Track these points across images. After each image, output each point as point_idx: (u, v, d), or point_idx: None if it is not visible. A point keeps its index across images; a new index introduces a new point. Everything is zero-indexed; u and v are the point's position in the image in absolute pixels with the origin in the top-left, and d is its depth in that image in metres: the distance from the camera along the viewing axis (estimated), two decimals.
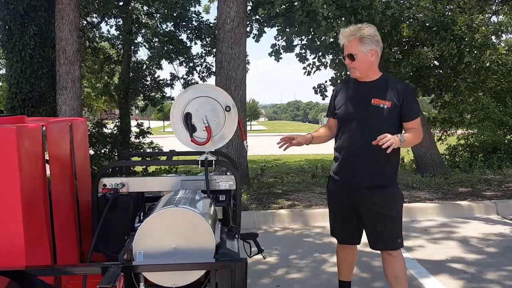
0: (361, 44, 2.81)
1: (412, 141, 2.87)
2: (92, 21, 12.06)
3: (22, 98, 8.30)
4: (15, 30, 8.18)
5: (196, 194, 2.38)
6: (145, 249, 1.94)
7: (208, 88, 2.76)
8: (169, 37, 10.49)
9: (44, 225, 2.20)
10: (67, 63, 7.70)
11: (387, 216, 2.88)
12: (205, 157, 2.75)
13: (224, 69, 7.47)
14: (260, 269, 4.21)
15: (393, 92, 2.85)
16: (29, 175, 2.03)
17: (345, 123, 2.95)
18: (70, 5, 7.61)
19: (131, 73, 10.42)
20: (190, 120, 2.70)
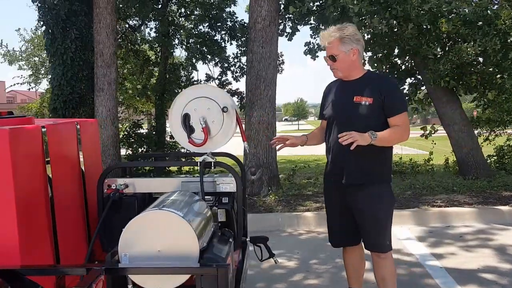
0: (342, 44, 2.79)
1: (390, 138, 2.80)
2: (134, 24, 12.37)
3: (63, 100, 8.60)
4: (57, 34, 8.50)
5: (189, 196, 2.35)
6: (130, 252, 1.93)
7: (206, 89, 2.73)
8: (203, 38, 10.57)
9: (44, 225, 2.21)
10: (104, 66, 7.92)
11: (372, 216, 2.84)
12: (203, 159, 2.71)
13: (254, 68, 7.42)
14: (277, 273, 4.12)
15: (375, 88, 2.82)
16: (25, 175, 2.05)
17: (330, 123, 2.97)
18: (107, 9, 7.83)
19: (168, 74, 10.59)
20: (188, 121, 2.67)
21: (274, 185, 7.39)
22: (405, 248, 4.72)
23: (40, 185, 2.19)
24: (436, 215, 5.77)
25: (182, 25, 11.54)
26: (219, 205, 2.81)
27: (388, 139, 2.79)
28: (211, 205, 2.78)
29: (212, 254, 1.99)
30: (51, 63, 8.86)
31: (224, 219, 2.81)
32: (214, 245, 2.11)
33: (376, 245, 2.89)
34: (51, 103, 8.92)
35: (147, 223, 1.93)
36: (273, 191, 7.18)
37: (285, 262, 4.43)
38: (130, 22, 12.19)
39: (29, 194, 2.09)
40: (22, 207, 1.99)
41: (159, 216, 1.93)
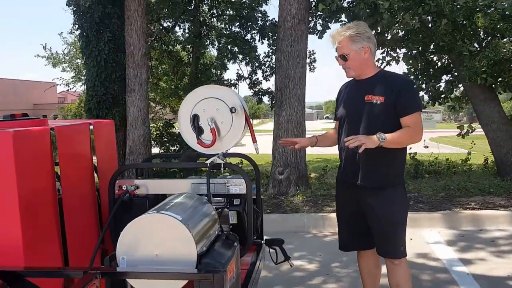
0: (352, 42, 2.72)
1: (400, 140, 2.67)
2: (167, 26, 12.55)
3: (97, 101, 8.83)
4: (91, 37, 8.73)
5: (194, 199, 2.33)
6: (128, 255, 1.92)
7: (215, 89, 2.71)
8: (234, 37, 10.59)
9: (51, 226, 2.25)
10: (135, 67, 8.08)
11: (385, 221, 2.74)
12: (211, 160, 2.69)
13: (283, 67, 7.36)
14: (296, 276, 4.06)
15: (387, 86, 2.72)
16: (31, 177, 2.08)
17: (342, 123, 2.89)
18: (137, 11, 7.98)
19: (199, 74, 10.68)
20: (197, 122, 2.65)
21: (303, 184, 7.31)
22: (432, 253, 4.55)
23: (48, 186, 2.22)
24: (469, 218, 5.54)
25: (213, 25, 11.61)
26: (230, 207, 2.78)
27: (398, 141, 2.67)
28: (221, 207, 2.77)
29: (211, 259, 1.95)
30: (86, 65, 9.12)
31: (235, 221, 2.79)
32: (215, 250, 2.07)
33: (389, 251, 2.80)
34: (86, 104, 9.19)
35: (145, 226, 1.91)
36: (301, 191, 7.11)
37: (305, 264, 4.37)
38: (164, 24, 12.37)
39: (35, 195, 2.12)
40: (26, 208, 2.01)
41: (156, 220, 1.92)
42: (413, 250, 4.60)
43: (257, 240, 3.25)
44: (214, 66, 11.34)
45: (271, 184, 7.42)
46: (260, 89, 11.85)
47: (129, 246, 1.91)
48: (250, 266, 2.84)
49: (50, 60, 21.64)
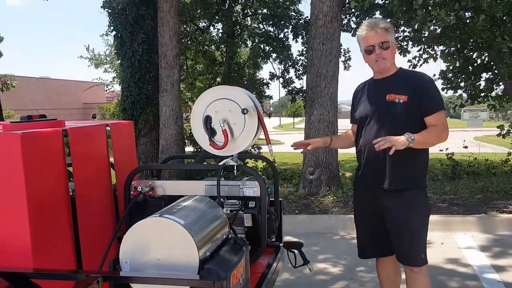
0: (389, 34, 2.64)
1: (428, 140, 2.56)
2: (202, 26, 12.66)
3: (131, 101, 9.01)
4: (126, 38, 8.91)
5: (204, 202, 2.30)
6: (131, 259, 1.92)
7: (227, 90, 2.67)
8: (267, 36, 10.55)
9: (63, 227, 2.27)
10: (167, 67, 8.20)
11: (405, 226, 2.62)
12: (224, 162, 2.67)
13: (315, 66, 7.27)
14: (319, 279, 4.00)
15: (410, 85, 2.61)
16: (40, 178, 2.10)
17: (362, 124, 2.77)
18: (169, 12, 8.08)
19: (232, 73, 10.71)
20: (209, 123, 2.63)
21: (334, 185, 7.20)
22: (463, 258, 4.37)
23: (59, 187, 2.24)
24: (505, 222, 5.28)
25: (246, 24, 11.61)
26: (245, 210, 2.76)
27: (426, 141, 2.56)
28: (236, 209, 2.75)
29: (214, 265, 1.90)
30: (121, 66, 9.31)
31: (250, 224, 2.76)
32: (220, 255, 2.02)
33: (409, 258, 2.67)
34: (121, 104, 9.39)
35: (147, 230, 1.90)
36: (332, 191, 7.00)
37: (329, 267, 4.29)
38: (200, 24, 12.49)
39: (45, 196, 2.13)
40: (35, 209, 2.04)
41: (158, 224, 1.89)
42: (444, 255, 4.45)
43: (275, 243, 3.21)
44: (247, 65, 11.35)
45: (302, 184, 7.36)
46: (294, 87, 11.77)
47: (132, 249, 1.90)
48: (265, 269, 2.81)
49: (92, 61, 22.29)
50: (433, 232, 5.19)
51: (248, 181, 2.73)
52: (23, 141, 1.98)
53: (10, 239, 2.02)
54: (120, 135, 2.92)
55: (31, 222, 2.00)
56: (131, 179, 2.75)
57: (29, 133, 2.06)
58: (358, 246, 2.97)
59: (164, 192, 2.76)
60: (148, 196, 2.78)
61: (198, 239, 1.90)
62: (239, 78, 10.65)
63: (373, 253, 2.93)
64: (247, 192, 2.72)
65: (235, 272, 2.02)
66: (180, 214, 2.01)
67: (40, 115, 2.61)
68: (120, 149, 2.91)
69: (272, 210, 3.03)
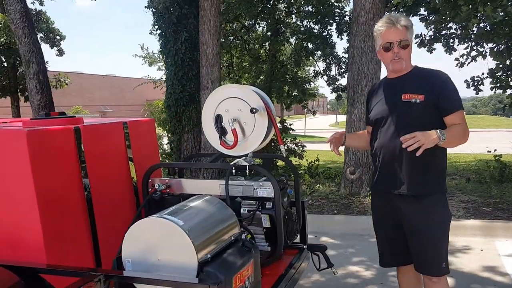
0: (409, 32, 2.49)
1: (455, 139, 2.40)
2: (248, 24, 12.69)
3: (175, 98, 9.17)
4: (169, 37, 9.08)
5: (211, 203, 2.27)
6: (133, 258, 1.93)
7: (237, 89, 2.63)
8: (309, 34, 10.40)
9: (78, 224, 2.31)
10: (208, 65, 8.25)
11: (424, 234, 2.47)
12: (235, 162, 2.63)
13: (356, 64, 7.10)
14: (349, 282, 3.89)
15: (426, 83, 2.47)
16: (50, 174, 2.14)
17: (377, 126, 2.63)
18: (210, 11, 8.12)
19: (274, 71, 10.65)
20: (220, 122, 2.60)
21: None
22: (501, 266, 4.12)
23: (72, 183, 2.28)
24: None
25: (289, 22, 11.51)
26: (262, 210, 2.71)
27: (453, 141, 2.41)
28: (253, 209, 2.71)
29: (214, 268, 1.86)
30: (165, 64, 9.49)
31: (269, 225, 2.72)
32: (223, 258, 1.98)
33: (428, 267, 2.52)
34: (166, 101, 9.59)
35: (147, 230, 1.89)
36: None
37: (362, 271, 4.17)
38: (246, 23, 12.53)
39: (56, 193, 2.18)
40: (46, 205, 2.09)
41: (157, 224, 1.88)
42: (481, 262, 4.21)
43: (299, 245, 3.15)
44: (290, 63, 11.27)
45: (343, 184, 7.22)
46: (338, 85, 11.54)
47: (133, 248, 1.91)
48: (285, 270, 2.75)
49: (146, 59, 22.87)
50: (473, 237, 4.95)
51: (263, 182, 2.69)
52: (29, 138, 2.03)
53: (23, 234, 2.09)
54: (139, 132, 2.94)
55: (42, 217, 2.05)
56: (148, 177, 2.77)
57: (36, 131, 2.11)
58: (379, 254, 2.84)
59: (180, 190, 2.77)
60: (166, 194, 2.80)
61: (198, 241, 1.87)
62: (281, 76, 10.58)
63: (394, 262, 2.79)
64: (260, 192, 2.67)
65: (239, 275, 1.99)
66: (182, 215, 1.99)
67: (60, 112, 2.68)
68: (139, 146, 2.93)
69: (292, 211, 2.96)
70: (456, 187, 7.40)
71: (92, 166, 2.43)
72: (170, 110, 9.36)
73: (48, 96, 8.98)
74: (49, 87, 9.16)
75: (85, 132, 2.40)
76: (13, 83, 15.43)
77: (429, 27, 8.47)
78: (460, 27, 7.61)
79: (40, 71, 8.87)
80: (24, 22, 8.65)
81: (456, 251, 4.58)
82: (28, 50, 8.78)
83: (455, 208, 5.87)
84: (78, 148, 2.36)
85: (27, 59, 8.81)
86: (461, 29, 7.51)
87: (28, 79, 8.97)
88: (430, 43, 8.50)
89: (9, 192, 2.08)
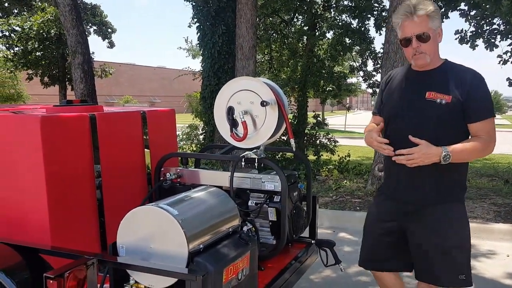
0: (431, 20, 2.18)
1: (467, 157, 2.20)
2: (287, 18, 12.66)
3: (210, 90, 9.32)
4: (207, 30, 9.22)
5: (213, 194, 2.32)
6: (127, 244, 1.99)
7: (250, 81, 2.66)
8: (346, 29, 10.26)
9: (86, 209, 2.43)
10: (243, 59, 8.33)
11: (444, 243, 2.28)
12: (244, 155, 2.67)
13: (390, 60, 6.95)
14: (360, 280, 3.87)
15: (456, 83, 2.20)
16: (61, 159, 2.25)
17: (392, 122, 2.38)
18: (247, 4, 8.18)
19: (310, 66, 10.60)
20: (232, 114, 2.65)
21: None
22: None
23: (83, 170, 2.39)
24: None
25: (326, 17, 11.40)
26: (269, 204, 2.76)
27: (464, 158, 2.20)
28: (261, 202, 2.76)
29: (205, 259, 1.90)
30: (202, 56, 9.65)
31: (275, 218, 2.76)
32: (216, 249, 2.02)
33: (439, 279, 2.33)
34: (201, 93, 9.77)
35: (142, 218, 1.96)
36: None
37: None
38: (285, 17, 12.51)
39: (66, 177, 2.29)
40: (55, 189, 2.20)
41: (151, 213, 1.94)
42: (505, 268, 4.14)
43: (307, 239, 3.18)
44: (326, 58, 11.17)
45: (370, 180, 7.14)
46: (375, 81, 11.34)
47: (128, 235, 1.98)
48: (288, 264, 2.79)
49: (190, 52, 23.27)
50: (500, 242, 4.79)
51: (272, 175, 2.72)
52: (42, 123, 2.15)
53: (31, 215, 2.22)
54: (157, 122, 3.03)
55: (50, 201, 2.18)
56: (161, 166, 2.86)
57: (50, 117, 2.23)
58: (362, 254, 2.66)
59: (191, 180, 2.85)
60: (177, 183, 2.89)
61: (191, 231, 1.91)
62: (316, 71, 10.52)
63: (377, 266, 2.62)
64: (268, 186, 2.71)
65: (231, 267, 2.03)
66: (180, 205, 2.05)
67: (81, 100, 2.84)
68: (156, 135, 3.02)
69: (300, 206, 2.98)
70: (492, 188, 7.15)
71: (106, 154, 2.53)
72: (205, 102, 9.52)
73: (92, 85, 9.36)
74: (93, 77, 9.54)
75: (101, 120, 2.51)
76: (61, 72, 16.15)
77: (471, 22, 8.19)
78: (504, 23, 7.29)
79: (85, 61, 9.26)
80: (73, 14, 9.04)
81: (479, 256, 4.45)
82: (75, 41, 9.17)
83: (485, 210, 5.69)
84: (93, 135, 2.46)
85: (73, 49, 9.20)
86: (504, 24, 7.19)
87: (73, 69, 9.38)
88: (472, 39, 8.21)
89: (22, 174, 2.22)
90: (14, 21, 15.22)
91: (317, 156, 9.93)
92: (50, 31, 14.81)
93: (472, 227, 5.10)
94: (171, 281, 1.90)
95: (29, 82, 16.88)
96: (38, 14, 15.07)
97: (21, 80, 19.58)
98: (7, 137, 2.23)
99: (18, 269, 2.01)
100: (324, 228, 5.32)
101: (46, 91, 17.43)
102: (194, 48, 22.40)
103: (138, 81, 37.89)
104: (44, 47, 15.12)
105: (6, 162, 2.25)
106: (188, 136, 11.75)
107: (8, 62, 16.04)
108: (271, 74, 12.90)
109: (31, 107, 3.29)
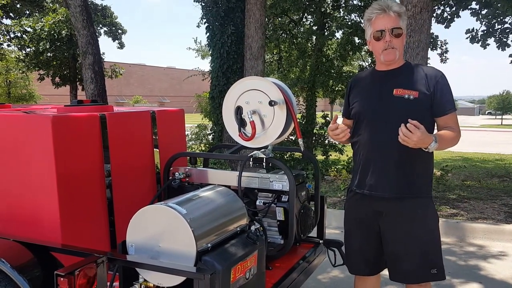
0: (402, 20, 2.30)
1: (445, 145, 2.24)
2: (296, 18, 12.64)
3: (219, 90, 9.34)
4: (216, 30, 9.24)
5: (222, 193, 2.34)
6: (136, 243, 2.02)
7: (259, 81, 2.67)
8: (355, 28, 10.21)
9: (96, 208, 2.46)
10: (252, 58, 8.37)
11: (415, 237, 2.31)
12: (251, 154, 2.69)
13: None
14: None
15: (421, 79, 2.30)
16: (71, 158, 2.29)
17: (361, 121, 2.42)
18: (256, 5, 8.21)
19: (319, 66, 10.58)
20: (240, 114, 2.66)
21: None
22: None
23: (93, 169, 2.43)
24: None
25: (335, 16, 11.36)
26: (277, 203, 2.77)
27: (443, 146, 2.23)
28: (269, 202, 2.77)
29: (213, 258, 1.92)
30: (211, 56, 9.68)
31: (282, 218, 2.77)
32: (224, 248, 2.04)
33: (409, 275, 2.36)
34: (210, 93, 9.79)
35: (151, 216, 1.98)
36: None
37: None
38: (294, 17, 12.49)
39: (77, 176, 2.32)
40: (65, 188, 2.24)
41: (160, 211, 1.97)
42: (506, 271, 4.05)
43: (315, 239, 3.19)
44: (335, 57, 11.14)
45: None
46: None
47: (137, 234, 2.00)
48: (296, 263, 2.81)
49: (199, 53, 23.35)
50: (510, 243, 4.75)
51: (280, 175, 2.73)
52: (53, 123, 2.19)
53: (42, 214, 2.25)
54: (166, 122, 3.06)
55: (61, 199, 2.21)
56: (170, 165, 2.89)
57: (61, 116, 2.27)
58: (350, 262, 2.67)
59: (199, 179, 2.87)
60: (186, 183, 2.91)
61: (199, 230, 1.94)
62: (325, 70, 10.49)
63: (371, 271, 2.59)
64: (276, 185, 2.72)
65: (239, 266, 2.05)
66: (189, 204, 2.07)
67: (92, 100, 2.87)
68: (165, 135, 3.05)
69: (308, 206, 2.99)
70: (503, 189, 7.10)
71: (116, 153, 2.56)
72: (214, 102, 9.54)
73: (102, 85, 9.44)
74: (103, 77, 9.61)
75: (111, 120, 2.54)
76: (72, 72, 16.32)
77: (483, 21, 8.12)
78: None
79: (96, 62, 9.33)
80: (83, 15, 9.12)
81: (490, 257, 4.42)
82: (86, 42, 9.25)
83: (496, 211, 5.64)
84: (103, 135, 2.50)
85: (84, 50, 9.28)
86: None
87: (84, 69, 9.46)
88: (484, 39, 8.14)
89: (33, 173, 2.26)
90: (26, 22, 15.41)
91: (325, 156, 9.92)
92: (61, 32, 14.97)
93: (483, 228, 5.15)
94: (179, 280, 1.92)
95: (41, 82, 17.09)
96: (50, 15, 15.24)
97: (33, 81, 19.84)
98: (19, 137, 2.27)
99: (29, 267, 2.04)
100: (332, 228, 5.31)
101: (57, 91, 17.64)
102: (203, 49, 22.47)
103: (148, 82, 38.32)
104: (55, 47, 15.28)
105: (18, 161, 2.29)
106: (197, 136, 11.79)
107: (20, 62, 16.26)
108: (280, 74, 12.89)
109: (42, 107, 3.33)
